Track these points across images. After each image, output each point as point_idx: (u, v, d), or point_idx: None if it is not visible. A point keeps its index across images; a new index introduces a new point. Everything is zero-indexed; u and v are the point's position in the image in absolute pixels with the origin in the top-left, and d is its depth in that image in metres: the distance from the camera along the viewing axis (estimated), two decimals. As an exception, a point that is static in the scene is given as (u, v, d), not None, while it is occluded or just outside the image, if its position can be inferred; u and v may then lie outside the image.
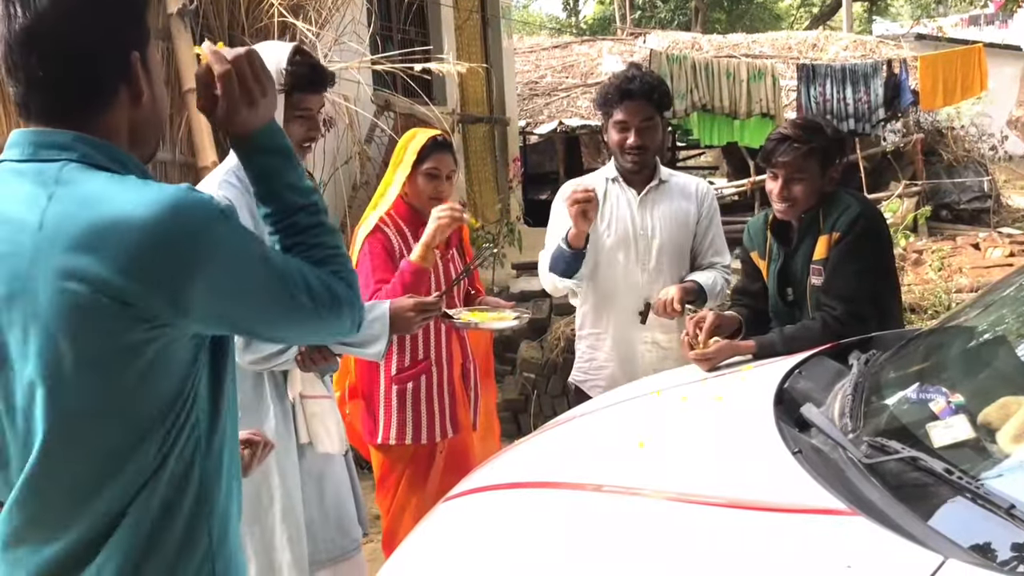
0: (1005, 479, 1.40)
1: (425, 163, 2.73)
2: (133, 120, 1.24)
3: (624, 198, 2.90)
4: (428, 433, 2.77)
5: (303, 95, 2.14)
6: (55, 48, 1.15)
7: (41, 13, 1.14)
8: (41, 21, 1.14)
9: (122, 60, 1.20)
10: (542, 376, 5.30)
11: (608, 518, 1.61)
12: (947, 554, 1.20)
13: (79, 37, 1.16)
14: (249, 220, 2.08)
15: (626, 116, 2.80)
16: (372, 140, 5.61)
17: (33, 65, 1.15)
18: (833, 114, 10.81)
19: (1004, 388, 1.68)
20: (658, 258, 2.86)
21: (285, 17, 4.26)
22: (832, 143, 2.48)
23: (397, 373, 2.76)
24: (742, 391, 2.11)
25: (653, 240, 2.86)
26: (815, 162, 2.44)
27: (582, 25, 29.63)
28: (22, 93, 1.18)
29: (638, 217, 2.87)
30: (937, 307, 6.47)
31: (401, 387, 2.75)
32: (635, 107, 2.78)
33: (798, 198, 2.46)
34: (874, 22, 28.05)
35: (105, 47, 1.19)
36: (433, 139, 2.78)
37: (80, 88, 1.18)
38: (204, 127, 3.85)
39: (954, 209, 11.56)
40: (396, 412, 2.76)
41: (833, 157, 2.47)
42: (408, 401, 2.75)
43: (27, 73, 1.16)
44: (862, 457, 1.52)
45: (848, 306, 2.38)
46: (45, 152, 1.18)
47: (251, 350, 2.08)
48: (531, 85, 12.86)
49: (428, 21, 7.67)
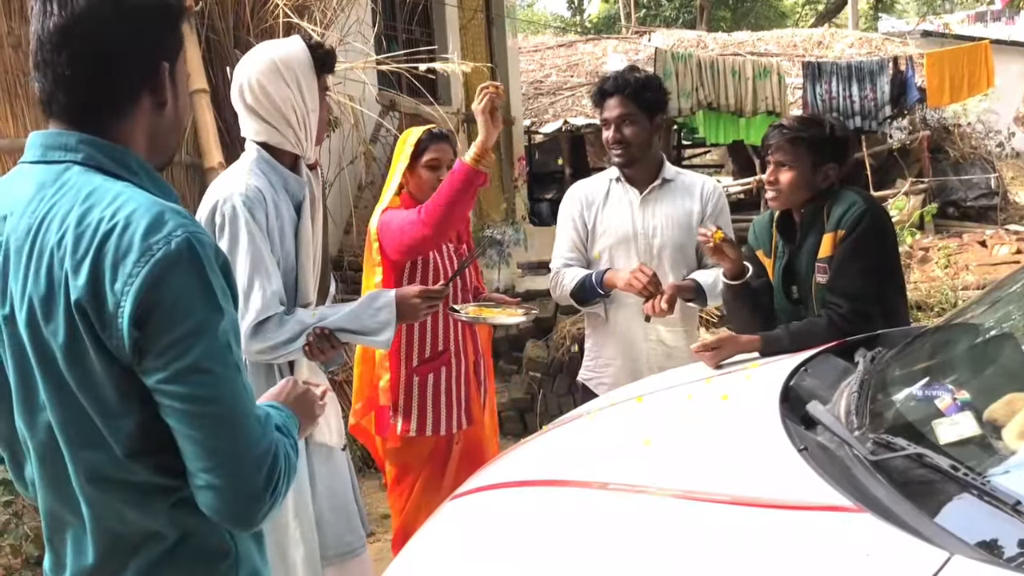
0: (1011, 475, 1.40)
1: (425, 155, 2.79)
2: (154, 128, 1.25)
3: (626, 198, 2.92)
4: (447, 424, 2.82)
5: (326, 75, 2.23)
6: (85, 49, 1.17)
7: (78, 13, 1.16)
8: (76, 21, 1.16)
9: (151, 68, 1.22)
10: (548, 375, 5.30)
11: (614, 516, 1.61)
12: (953, 550, 1.20)
13: (111, 41, 1.17)
14: (273, 208, 2.11)
15: (606, 113, 2.89)
16: (377, 140, 5.63)
17: (62, 63, 1.17)
18: (839, 112, 10.80)
19: (1010, 385, 1.68)
20: (660, 258, 2.88)
21: (290, 18, 4.27)
22: (828, 139, 2.47)
23: (419, 364, 2.80)
24: (748, 389, 2.11)
25: (654, 240, 2.88)
26: (804, 152, 2.45)
27: (587, 24, 29.62)
28: (48, 90, 1.20)
29: (639, 217, 2.89)
30: (943, 304, 6.46)
31: (422, 378, 2.80)
32: (611, 104, 2.88)
33: (783, 186, 2.48)
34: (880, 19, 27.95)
35: (135, 54, 1.20)
36: (429, 131, 2.83)
37: (105, 91, 1.19)
38: (211, 128, 3.87)
39: (961, 206, 11.53)
40: (417, 403, 2.80)
41: (828, 154, 2.46)
42: (429, 392, 2.80)
43: (55, 70, 1.18)
44: (868, 454, 1.52)
45: (853, 304, 2.38)
46: (52, 153, 1.20)
47: (259, 339, 2.08)
48: (536, 84, 12.86)
49: (433, 21, 7.68)
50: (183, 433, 1.15)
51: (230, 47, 4.24)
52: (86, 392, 1.15)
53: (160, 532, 1.22)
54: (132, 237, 1.11)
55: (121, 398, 1.15)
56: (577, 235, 2.96)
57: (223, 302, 1.17)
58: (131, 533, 1.22)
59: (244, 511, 1.18)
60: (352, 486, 2.46)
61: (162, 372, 1.12)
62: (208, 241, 1.17)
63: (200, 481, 1.16)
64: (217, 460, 1.15)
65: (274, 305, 2.08)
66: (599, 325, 2.98)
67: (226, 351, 1.16)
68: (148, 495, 1.20)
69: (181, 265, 1.12)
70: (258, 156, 2.18)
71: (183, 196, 3.94)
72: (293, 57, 2.14)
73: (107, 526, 1.22)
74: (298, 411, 1.44)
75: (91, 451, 1.18)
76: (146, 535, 1.22)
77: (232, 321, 1.19)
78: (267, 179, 2.14)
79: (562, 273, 2.95)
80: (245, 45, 4.21)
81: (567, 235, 2.98)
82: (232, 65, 4.19)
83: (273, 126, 2.15)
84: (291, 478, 1.24)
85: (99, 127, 1.20)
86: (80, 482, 1.20)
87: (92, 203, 1.14)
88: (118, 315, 1.10)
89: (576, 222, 2.95)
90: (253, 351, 2.08)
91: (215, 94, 4.07)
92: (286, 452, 1.23)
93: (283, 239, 2.14)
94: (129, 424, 1.17)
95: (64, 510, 1.24)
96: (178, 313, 1.12)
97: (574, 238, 2.96)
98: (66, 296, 1.12)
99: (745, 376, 2.22)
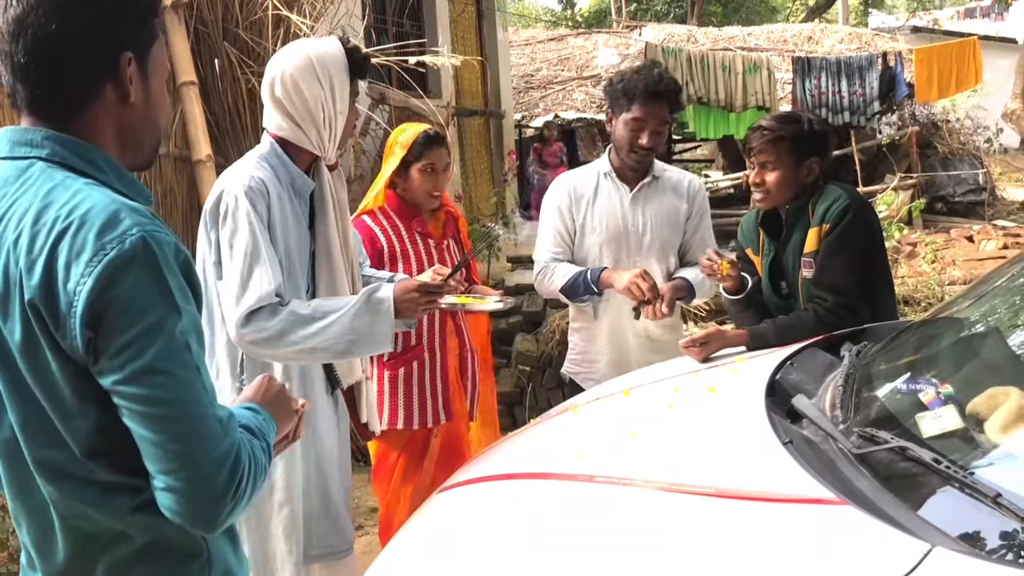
0: (993, 468, 1.42)
1: (420, 160, 2.76)
2: (122, 121, 1.23)
3: (616, 194, 2.88)
4: (420, 418, 2.80)
5: (358, 81, 2.22)
6: (39, 37, 1.15)
7: (32, 2, 1.15)
8: (31, 9, 1.15)
9: (109, 58, 1.20)
10: (537, 369, 5.32)
11: (600, 508, 1.62)
12: (935, 542, 1.21)
13: (65, 29, 1.16)
14: (276, 202, 2.10)
15: (644, 115, 2.75)
16: (367, 133, 5.61)
17: (18, 52, 1.16)
18: (828, 107, 10.84)
19: (993, 378, 1.69)
20: (648, 254, 2.87)
21: (279, 10, 4.25)
22: (808, 135, 2.49)
23: (389, 359, 2.79)
24: (734, 382, 2.12)
25: (644, 237, 2.86)
26: (785, 150, 2.47)
27: (578, 18, 29.57)
28: (9, 82, 1.19)
29: (629, 214, 2.86)
30: (931, 299, 6.49)
31: (393, 372, 2.79)
32: (656, 108, 2.76)
33: (770, 186, 2.50)
34: (870, 15, 28.04)
35: (91, 43, 1.18)
36: (425, 133, 2.78)
37: (61, 81, 1.18)
38: (199, 121, 3.85)
39: (949, 202, 11.58)
40: (388, 397, 2.80)
41: (809, 148, 2.48)
42: (400, 387, 2.79)
43: (12, 60, 1.17)
44: (852, 447, 1.53)
45: (838, 297, 2.39)
46: (18, 149, 1.19)
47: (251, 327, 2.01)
48: (526, 78, 12.86)
49: (423, 14, 7.66)
50: (141, 435, 1.13)
51: (219, 39, 4.21)
52: (43, 391, 1.14)
53: (126, 532, 1.21)
54: (86, 236, 1.09)
55: (78, 398, 1.14)
56: (564, 228, 2.90)
57: (181, 301, 1.15)
58: (99, 532, 1.21)
59: (205, 513, 1.16)
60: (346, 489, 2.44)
61: (117, 373, 1.11)
62: (165, 240, 1.15)
63: (159, 483, 1.14)
64: (176, 463, 1.13)
65: (270, 296, 2.05)
66: (587, 320, 2.96)
67: (184, 351, 1.14)
68: (111, 495, 1.19)
69: (135, 264, 1.10)
70: (270, 150, 2.16)
71: (171, 189, 3.92)
72: (329, 56, 2.13)
73: (73, 525, 1.21)
74: (274, 411, 1.41)
75: (51, 450, 1.17)
76: (113, 534, 1.21)
77: (192, 321, 1.17)
78: (274, 173, 2.13)
79: (551, 267, 2.89)
80: (234, 37, 4.19)
81: (553, 228, 2.92)
82: (220, 57, 4.18)
83: (297, 123, 2.14)
84: (259, 479, 1.21)
85: (62, 120, 1.19)
86: (43, 482, 1.19)
87: (50, 201, 1.13)
88: (71, 315, 1.09)
89: (564, 215, 2.90)
90: (246, 341, 2.02)
91: (203, 86, 4.05)
92: (251, 453, 1.20)
93: (286, 234, 2.12)
94: (87, 424, 1.15)
95: (32, 510, 1.23)
96: (132, 313, 1.10)
97: (560, 230, 2.90)
98: (21, 295, 1.11)
99: (732, 369, 2.23)
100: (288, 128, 2.15)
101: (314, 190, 2.21)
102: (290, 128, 2.15)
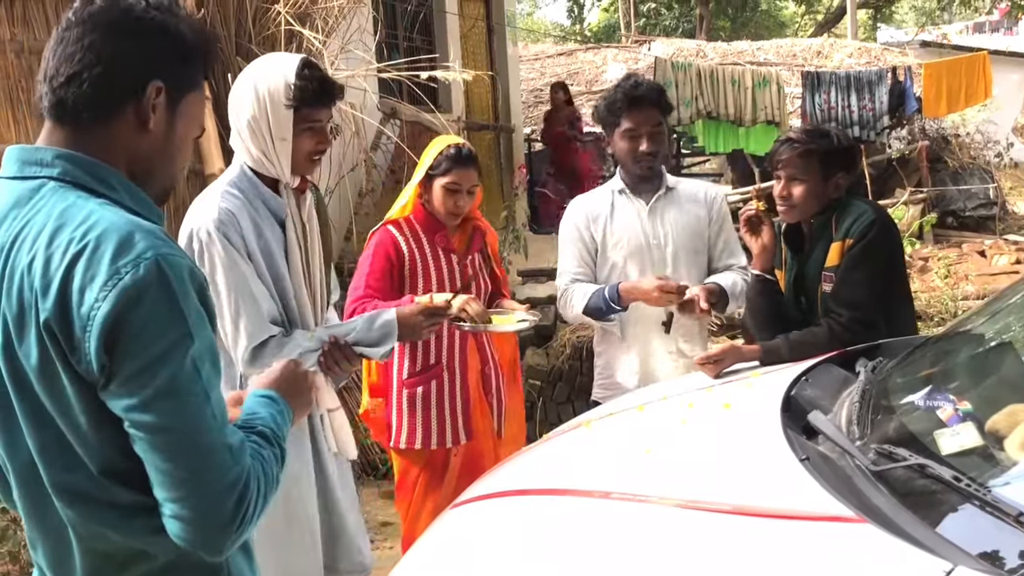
0: (1013, 486, 1.40)
1: (446, 176, 2.69)
2: (137, 147, 1.23)
3: (632, 209, 2.85)
4: (439, 438, 2.76)
5: (312, 109, 2.10)
6: (76, 46, 1.18)
7: (75, 20, 1.19)
8: (79, 22, 1.19)
9: (137, 82, 1.21)
10: (548, 383, 5.30)
11: (616, 525, 1.61)
12: (955, 561, 1.20)
13: (101, 43, 1.19)
14: (251, 228, 2.07)
15: (635, 123, 2.76)
16: (378, 147, 5.63)
17: (55, 59, 1.19)
18: (838, 121, 10.81)
19: (1012, 395, 1.68)
20: (674, 266, 2.81)
21: (292, 25, 4.28)
22: (837, 151, 2.48)
23: (408, 377, 2.76)
24: (749, 398, 2.11)
25: (666, 248, 2.82)
26: (814, 164, 2.45)
27: (587, 33, 29.69)
28: (38, 91, 1.22)
29: (648, 227, 2.83)
30: (944, 314, 6.46)
31: (412, 391, 2.75)
32: (644, 113, 2.76)
33: (796, 199, 2.47)
34: (879, 29, 28.04)
35: (122, 62, 1.20)
36: (457, 148, 2.71)
37: (90, 92, 1.19)
38: (212, 135, 3.87)
39: (960, 216, 11.52)
40: (407, 416, 2.76)
41: (837, 165, 2.47)
42: (418, 405, 2.75)
43: (45, 65, 1.20)
44: (870, 464, 1.52)
45: (854, 312, 2.38)
46: (28, 169, 1.20)
47: (258, 363, 2.04)
48: (536, 92, 12.90)
49: (434, 29, 7.71)
50: (150, 462, 1.13)
51: (232, 54, 4.24)
52: (61, 414, 1.14)
53: (147, 551, 1.22)
54: (100, 260, 1.10)
55: (96, 420, 1.14)
56: (585, 247, 2.86)
57: (195, 326, 1.14)
58: (116, 551, 1.21)
59: (211, 541, 1.16)
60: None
61: (128, 399, 1.11)
62: (180, 263, 1.15)
63: (167, 511, 1.15)
64: (183, 491, 1.13)
65: (266, 328, 2.05)
66: (614, 342, 2.90)
67: (194, 379, 1.13)
68: (131, 516, 1.19)
69: (149, 290, 1.10)
70: (239, 173, 2.14)
71: (184, 203, 3.93)
72: (272, 81, 2.07)
73: (91, 547, 1.21)
74: (292, 393, 1.42)
75: (70, 473, 1.17)
76: (132, 553, 1.21)
77: (207, 345, 1.17)
78: (245, 198, 2.09)
79: (570, 291, 2.84)
80: (247, 52, 4.21)
81: (574, 248, 2.87)
82: (234, 72, 4.20)
83: (246, 146, 2.11)
84: (269, 495, 1.22)
85: (79, 131, 1.20)
86: (61, 505, 1.19)
87: (63, 221, 1.13)
88: (86, 339, 1.09)
89: (583, 235, 2.86)
90: (256, 376, 2.01)
91: (216, 101, 4.08)
92: (260, 475, 1.20)
93: (269, 257, 2.10)
94: (106, 445, 1.15)
95: (49, 531, 1.23)
96: (144, 339, 1.10)
97: (582, 250, 2.86)
98: (36, 318, 1.11)
99: (746, 384, 2.22)
100: (243, 149, 2.13)
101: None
102: (244, 149, 2.13)
